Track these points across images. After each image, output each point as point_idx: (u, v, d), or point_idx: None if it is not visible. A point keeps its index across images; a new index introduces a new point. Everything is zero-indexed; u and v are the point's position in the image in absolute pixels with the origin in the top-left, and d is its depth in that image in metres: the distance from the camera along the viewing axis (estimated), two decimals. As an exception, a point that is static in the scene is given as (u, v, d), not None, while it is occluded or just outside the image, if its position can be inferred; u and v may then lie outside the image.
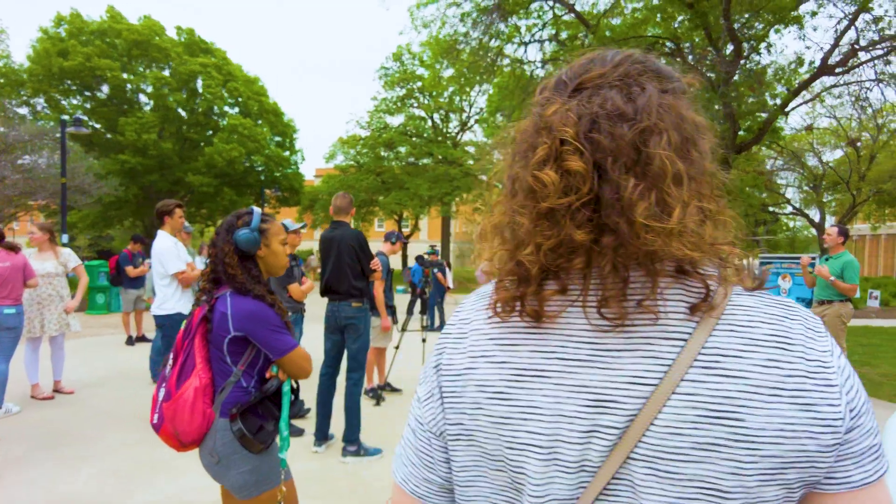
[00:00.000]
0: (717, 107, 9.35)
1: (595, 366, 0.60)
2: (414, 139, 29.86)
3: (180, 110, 24.39)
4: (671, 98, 0.61)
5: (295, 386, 2.06)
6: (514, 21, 12.00)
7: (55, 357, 5.87)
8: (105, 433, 4.67)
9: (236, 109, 25.49)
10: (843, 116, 22.78)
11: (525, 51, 12.28)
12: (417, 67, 30.52)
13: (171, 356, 1.91)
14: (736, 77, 10.03)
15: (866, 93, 10.82)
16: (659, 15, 10.75)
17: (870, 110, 18.74)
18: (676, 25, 11.05)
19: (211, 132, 25.62)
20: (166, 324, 4.91)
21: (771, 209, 29.64)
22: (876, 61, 9.81)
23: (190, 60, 23.73)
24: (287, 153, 27.77)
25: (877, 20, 9.33)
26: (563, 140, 0.59)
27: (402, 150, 30.19)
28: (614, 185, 0.57)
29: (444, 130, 32.48)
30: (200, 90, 24.13)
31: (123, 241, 35.76)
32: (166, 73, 23.60)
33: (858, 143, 23.24)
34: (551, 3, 11.84)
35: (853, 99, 11.77)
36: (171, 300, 4.92)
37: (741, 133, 11.02)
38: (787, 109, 10.89)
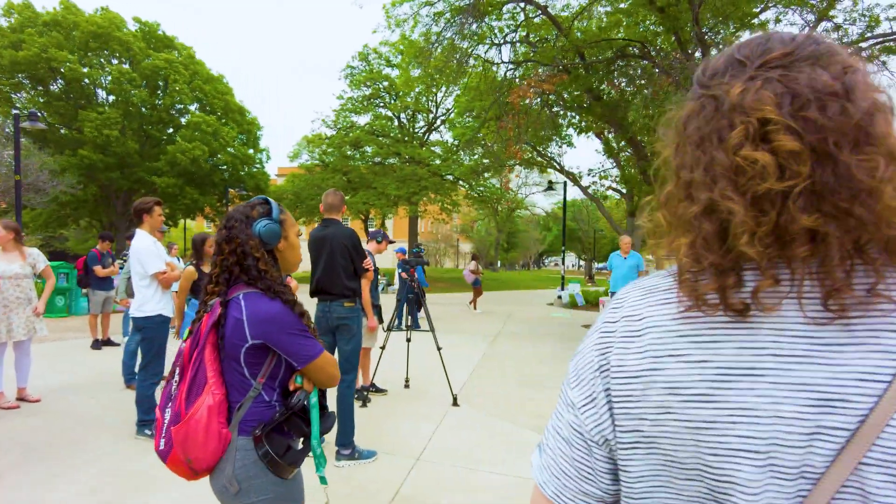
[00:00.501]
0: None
1: (815, 362, 0.55)
2: (381, 139, 29.69)
3: (142, 107, 23.58)
4: (866, 78, 0.58)
5: (322, 397, 1.82)
6: (487, 22, 12.05)
7: (21, 363, 5.57)
8: (81, 444, 4.44)
9: (197, 106, 24.78)
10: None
11: (500, 52, 12.34)
12: (384, 67, 30.37)
13: (177, 371, 1.64)
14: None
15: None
16: (629, 18, 10.96)
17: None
18: (643, 29, 11.30)
19: (172, 130, 24.86)
20: (147, 326, 4.73)
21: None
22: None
23: (154, 55, 22.96)
24: (251, 151, 27.15)
25: (836, 28, 9.75)
26: (765, 120, 0.56)
27: (369, 149, 29.99)
28: (844, 167, 0.54)
29: (411, 130, 32.41)
30: (165, 87, 23.37)
31: (78, 242, 34.36)
32: (127, 67, 22.74)
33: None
34: (523, 5, 11.94)
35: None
36: (152, 301, 4.75)
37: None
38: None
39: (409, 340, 6.40)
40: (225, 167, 24.37)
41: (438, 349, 5.87)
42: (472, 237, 54.74)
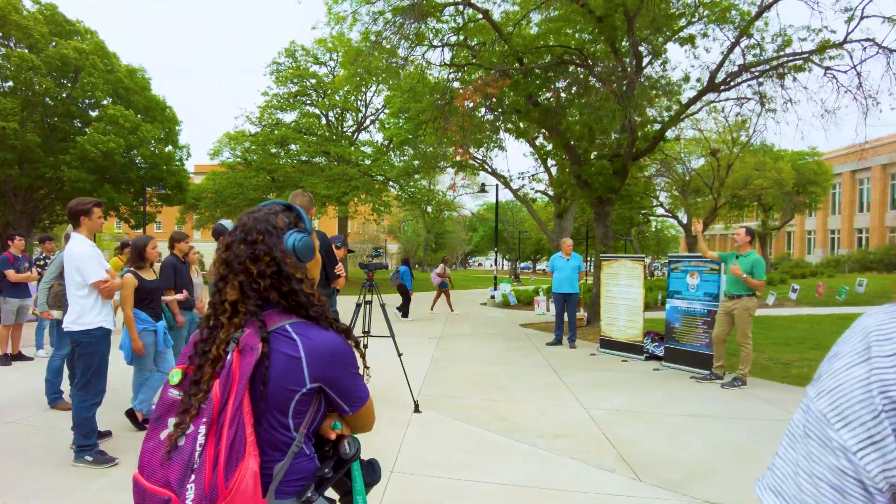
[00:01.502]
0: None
1: None
2: (308, 137, 28.91)
3: (45, 97, 21.53)
4: None
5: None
6: (428, 24, 11.98)
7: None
8: (5, 479, 3.97)
9: (112, 99, 22.99)
10: (706, 129, 25.44)
11: (442, 53, 12.30)
12: (311, 65, 29.59)
13: (202, 428, 1.22)
14: (636, 90, 10.78)
15: (741, 108, 12.13)
16: (568, 26, 11.26)
17: (726, 124, 21.16)
18: (582, 37, 11.66)
19: (82, 123, 22.89)
20: (85, 340, 4.29)
21: (643, 212, 32.36)
22: (751, 82, 11.02)
23: (60, 43, 21.04)
24: (170, 148, 25.56)
25: (753, 46, 10.49)
26: None
27: (295, 147, 29.12)
28: None
29: (340, 129, 31.78)
30: (76, 77, 21.45)
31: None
32: (28, 53, 20.68)
33: (718, 153, 26.03)
34: (462, 8, 11.98)
35: (735, 114, 13.12)
36: (91, 313, 4.31)
37: (637, 142, 11.85)
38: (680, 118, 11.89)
39: (365, 346, 6.22)
40: (141, 163, 22.70)
41: (399, 355, 5.75)
42: (401, 238, 54.53)
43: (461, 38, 12.57)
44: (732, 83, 10.92)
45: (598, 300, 10.32)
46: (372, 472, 1.48)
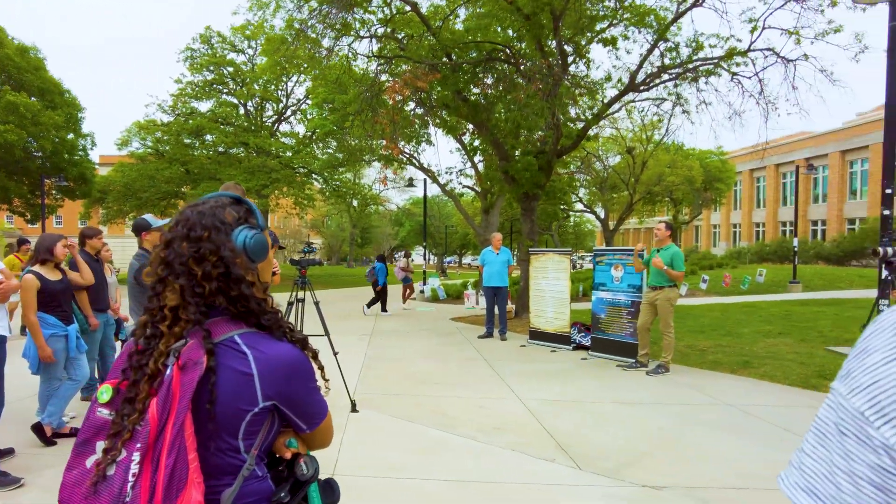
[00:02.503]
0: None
1: None
2: (225, 127, 27.62)
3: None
4: None
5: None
6: (355, 13, 11.73)
7: None
8: None
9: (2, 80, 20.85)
10: (623, 128, 26.67)
11: (371, 44, 12.08)
12: (229, 52, 28.28)
13: (136, 455, 1.06)
14: (561, 88, 11.09)
15: (658, 107, 12.77)
16: (497, 23, 11.38)
17: (641, 122, 22.28)
18: (510, 34, 11.84)
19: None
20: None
21: (563, 207, 33.51)
22: (668, 83, 11.63)
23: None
24: (72, 136, 23.57)
25: (670, 50, 11.05)
26: None
27: (210, 138, 27.76)
28: None
29: (259, 120, 30.61)
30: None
31: None
32: None
33: (634, 151, 27.36)
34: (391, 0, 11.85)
35: (653, 113, 13.77)
36: (-13, 318, 3.89)
37: (562, 139, 12.20)
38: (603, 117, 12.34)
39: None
40: (40, 154, 20.75)
41: (335, 354, 5.59)
42: (324, 232, 53.42)
43: (389, 30, 12.41)
44: (651, 84, 11.46)
45: (527, 293, 10.55)
46: (331, 493, 1.36)
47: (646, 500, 3.55)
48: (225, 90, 28.90)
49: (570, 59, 11.87)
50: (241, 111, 29.64)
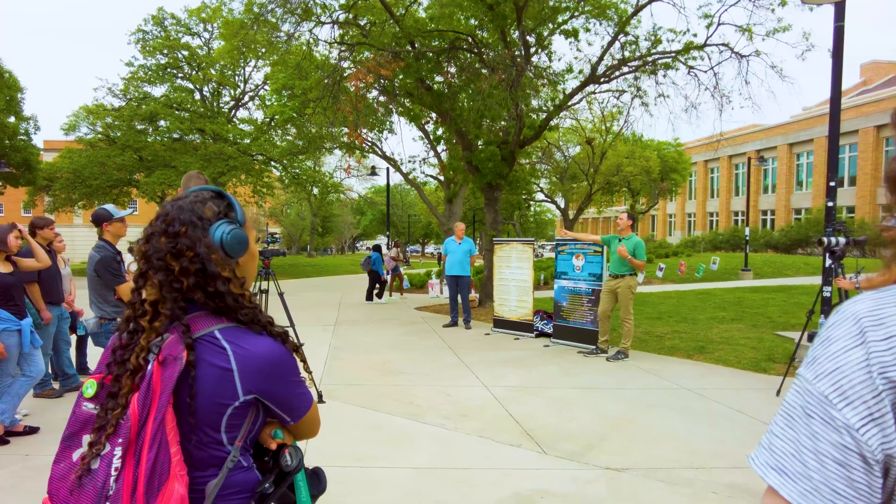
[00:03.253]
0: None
1: None
2: (180, 113, 26.72)
3: None
4: None
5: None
6: (315, -2, 11.51)
7: None
8: None
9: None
10: (583, 119, 27.04)
11: (332, 31, 11.88)
12: (183, 35, 27.29)
13: (118, 450, 1.08)
14: (523, 79, 11.17)
15: (618, 99, 13.02)
16: (461, 11, 11.35)
17: (601, 113, 22.64)
18: (473, 23, 11.82)
19: None
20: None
21: (525, 196, 33.85)
22: (628, 75, 11.86)
23: None
24: (13, 119, 22.40)
25: (630, 42, 11.26)
26: None
27: (164, 124, 26.81)
28: None
29: (216, 106, 29.72)
30: None
31: None
32: None
33: (593, 142, 27.81)
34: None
35: (612, 105, 14.01)
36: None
37: (524, 130, 12.31)
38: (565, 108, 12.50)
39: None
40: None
41: (300, 345, 5.54)
42: (284, 221, 52.51)
43: (351, 16, 12.22)
44: (611, 76, 11.66)
45: (491, 282, 10.66)
46: (317, 482, 1.39)
47: (609, 481, 3.68)
48: (180, 75, 27.91)
49: (533, 49, 11.96)
50: (197, 97, 28.70)
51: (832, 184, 6.52)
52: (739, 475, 3.74)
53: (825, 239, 5.34)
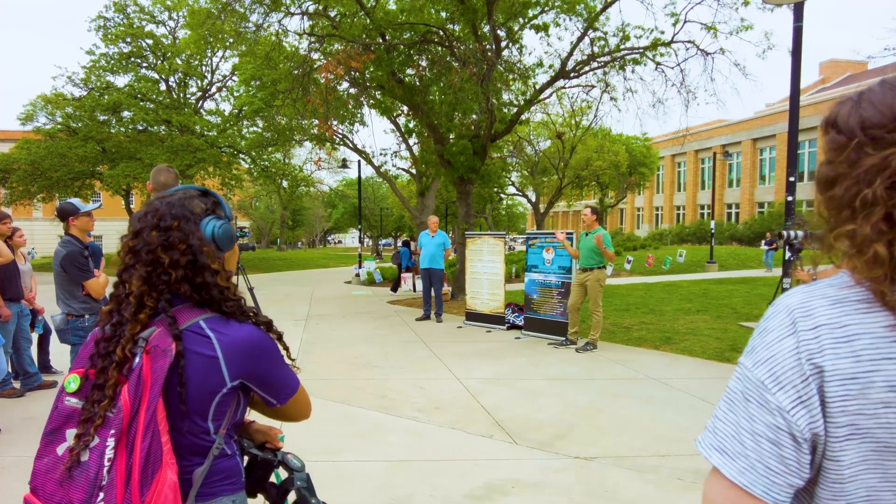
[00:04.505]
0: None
1: None
2: (145, 103, 26.02)
3: None
4: None
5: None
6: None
7: None
8: None
9: None
10: (553, 113, 27.27)
11: (302, 21, 11.71)
12: (147, 23, 26.53)
13: (110, 441, 1.09)
14: (494, 73, 11.21)
15: (587, 94, 13.18)
16: (432, 4, 11.32)
17: (570, 107, 22.89)
18: (444, 16, 11.81)
19: None
20: None
21: (496, 190, 34.04)
22: (597, 71, 12.01)
23: None
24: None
25: (599, 38, 11.40)
26: None
27: (129, 115, 26.07)
28: None
29: (182, 97, 29.04)
30: None
31: None
32: None
33: (563, 136, 28.08)
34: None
35: (581, 99, 14.17)
36: None
37: (496, 124, 12.37)
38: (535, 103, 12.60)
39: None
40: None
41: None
42: (253, 214, 51.69)
43: (321, 7, 12.08)
44: (581, 71, 11.80)
45: (463, 275, 10.72)
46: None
47: (578, 470, 3.77)
48: (144, 64, 27.15)
49: (504, 44, 12.00)
50: (163, 87, 27.99)
51: (791, 179, 6.74)
52: (703, 461, 3.83)
53: (785, 232, 5.53)
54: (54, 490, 1.10)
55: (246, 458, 1.41)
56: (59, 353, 5.81)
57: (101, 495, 1.07)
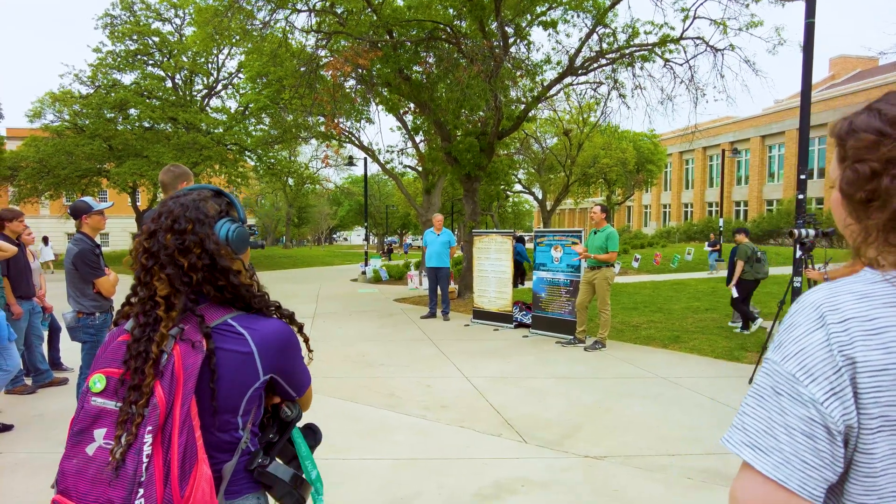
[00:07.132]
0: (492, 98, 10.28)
1: None
2: (151, 101, 26.11)
3: None
4: None
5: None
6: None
7: None
8: None
9: None
10: (560, 109, 27.16)
11: (309, 18, 11.69)
12: (154, 21, 26.60)
13: (148, 438, 1.10)
14: (501, 70, 11.16)
15: (595, 91, 13.11)
16: (438, 4, 11.28)
17: (578, 104, 22.78)
18: (452, 12, 11.75)
19: None
20: None
21: (503, 187, 33.96)
22: (605, 67, 11.93)
23: None
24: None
25: (608, 35, 11.32)
26: None
27: (135, 112, 26.17)
28: None
29: (189, 94, 29.11)
30: None
31: None
32: None
33: (570, 133, 27.97)
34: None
35: (590, 96, 14.08)
36: None
37: (503, 121, 12.32)
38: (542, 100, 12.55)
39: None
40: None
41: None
42: (258, 212, 51.83)
43: (328, 3, 12.06)
44: (589, 68, 11.73)
45: (470, 273, 10.70)
46: (313, 436, 1.53)
47: (586, 469, 3.75)
48: (150, 62, 27.26)
49: (512, 40, 11.95)
50: (169, 84, 28.08)
51: (802, 177, 6.67)
52: (713, 461, 3.84)
53: (796, 231, 5.47)
54: (88, 489, 1.10)
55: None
56: (69, 350, 5.85)
57: (141, 491, 1.08)
